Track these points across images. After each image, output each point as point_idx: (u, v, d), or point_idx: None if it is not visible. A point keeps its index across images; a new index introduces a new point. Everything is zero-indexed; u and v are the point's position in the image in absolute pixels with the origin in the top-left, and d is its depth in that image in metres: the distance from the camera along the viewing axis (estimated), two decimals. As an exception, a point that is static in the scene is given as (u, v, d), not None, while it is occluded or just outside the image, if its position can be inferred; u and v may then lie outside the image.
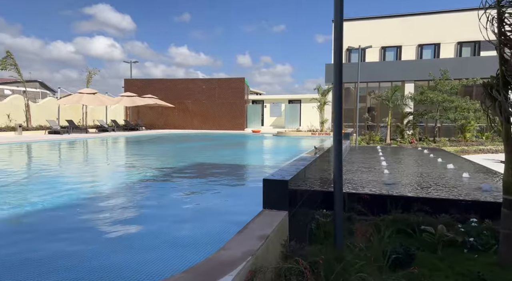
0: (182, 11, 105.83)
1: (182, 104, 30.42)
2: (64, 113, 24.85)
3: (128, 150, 14.95)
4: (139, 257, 3.14)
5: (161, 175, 7.73)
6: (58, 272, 2.86)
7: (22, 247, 3.44)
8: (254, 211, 3.57)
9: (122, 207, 5.03)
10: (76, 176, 7.85)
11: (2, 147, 13.24)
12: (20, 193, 5.92)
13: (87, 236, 3.76)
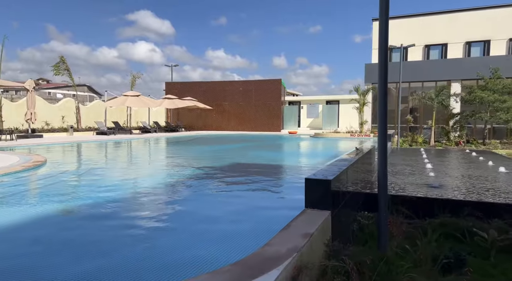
0: (218, 15, 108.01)
1: (219, 106, 31.01)
2: (111, 115, 26.28)
3: (169, 150, 15.53)
4: (183, 250, 3.28)
5: (200, 174, 7.96)
6: (116, 259, 3.06)
7: (76, 232, 3.72)
8: (295, 210, 3.60)
9: (163, 203, 5.26)
10: (123, 174, 8.30)
11: (57, 146, 14.27)
12: (72, 188, 6.37)
13: (131, 230, 3.98)
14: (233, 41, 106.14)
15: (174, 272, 2.80)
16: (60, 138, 18.33)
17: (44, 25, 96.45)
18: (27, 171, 7.31)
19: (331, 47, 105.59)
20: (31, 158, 8.83)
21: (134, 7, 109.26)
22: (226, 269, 2.34)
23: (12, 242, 3.56)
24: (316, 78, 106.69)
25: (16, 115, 19.68)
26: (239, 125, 30.58)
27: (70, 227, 4.12)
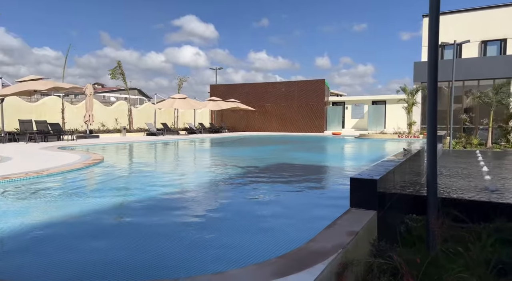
0: (260, 17, 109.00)
1: (262, 107, 31.29)
2: (159, 116, 27.61)
3: (214, 150, 16.01)
4: (228, 243, 3.44)
5: (244, 173, 8.15)
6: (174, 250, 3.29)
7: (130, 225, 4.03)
8: (338, 208, 3.62)
9: (208, 199, 5.49)
10: (172, 171, 8.75)
11: (112, 146, 15.32)
12: (127, 183, 6.85)
13: (179, 222, 4.22)
14: (275, 42, 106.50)
15: (221, 262, 2.96)
16: (114, 138, 19.64)
17: (99, 32, 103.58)
18: (87, 168, 7.96)
19: (377, 45, 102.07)
20: (90, 157, 9.59)
21: (180, 13, 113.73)
22: (273, 261, 2.44)
23: (77, 228, 3.95)
24: (361, 78, 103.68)
25: (76, 117, 21.39)
26: (281, 126, 30.63)
27: (125, 217, 4.47)
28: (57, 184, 6.34)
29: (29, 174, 6.53)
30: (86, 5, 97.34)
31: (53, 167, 7.43)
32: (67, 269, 2.86)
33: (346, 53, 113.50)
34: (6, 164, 8.05)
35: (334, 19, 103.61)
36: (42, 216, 4.46)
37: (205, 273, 2.42)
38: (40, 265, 2.96)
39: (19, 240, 3.58)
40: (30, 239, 3.62)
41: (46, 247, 3.42)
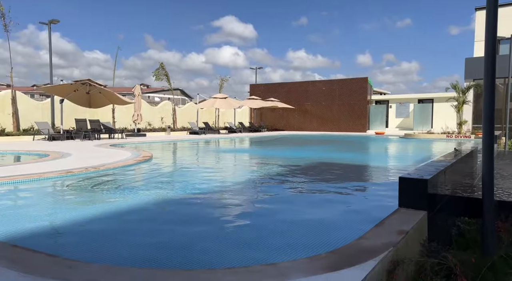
0: (299, 15, 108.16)
1: (301, 106, 31.10)
2: (201, 116, 28.43)
3: (254, 149, 16.23)
4: (273, 238, 3.53)
5: (285, 171, 8.22)
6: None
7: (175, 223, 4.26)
8: (384, 209, 3.58)
9: (251, 196, 5.63)
10: (216, 169, 9.03)
11: (158, 144, 16.06)
12: (175, 178, 7.19)
13: (224, 215, 4.39)
14: (314, 41, 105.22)
15: (271, 255, 3.07)
16: (159, 136, 20.55)
17: (143, 35, 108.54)
18: (138, 164, 8.46)
19: (423, 41, 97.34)
20: (140, 154, 10.15)
21: (220, 13, 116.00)
22: (323, 255, 2.51)
23: (137, 217, 4.26)
24: (404, 76, 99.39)
25: (125, 116, 22.64)
26: (322, 125, 30.25)
27: (174, 210, 4.73)
28: (112, 178, 6.82)
29: (89, 169, 7.08)
30: (132, 8, 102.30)
31: (109, 163, 7.98)
32: (125, 249, 3.12)
33: (389, 50, 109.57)
34: (67, 159, 8.77)
35: (375, 16, 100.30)
36: (103, 206, 4.85)
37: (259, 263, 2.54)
38: (104, 246, 3.25)
39: (92, 224, 3.94)
40: (103, 224, 3.97)
41: (117, 233, 3.73)
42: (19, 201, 5.21)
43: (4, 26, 16.60)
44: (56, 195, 5.57)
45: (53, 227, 3.97)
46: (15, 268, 2.32)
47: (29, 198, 5.35)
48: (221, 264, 2.81)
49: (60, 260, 2.53)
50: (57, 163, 7.90)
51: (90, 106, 17.99)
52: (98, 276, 2.25)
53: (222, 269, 2.33)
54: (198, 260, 2.95)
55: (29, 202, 5.13)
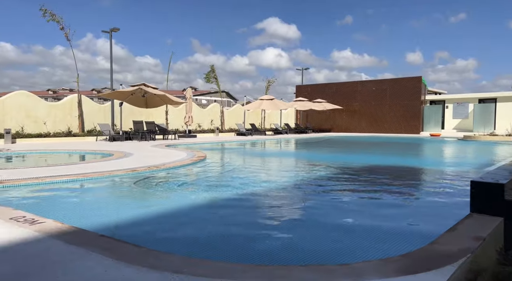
0: (344, 14, 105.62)
1: (349, 106, 30.37)
2: (248, 117, 28.86)
3: (301, 150, 16.17)
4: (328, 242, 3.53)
5: (336, 174, 8.11)
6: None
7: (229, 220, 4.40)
8: (452, 215, 3.43)
9: (303, 198, 5.64)
10: (264, 169, 9.17)
11: (208, 144, 16.61)
12: (228, 178, 7.42)
13: (277, 218, 4.45)
14: (359, 39, 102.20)
15: (341, 255, 3.09)
16: (209, 138, 21.21)
17: (190, 40, 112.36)
18: (194, 164, 8.83)
19: (480, 37, 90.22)
20: (195, 154, 10.58)
21: (263, 15, 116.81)
22: (395, 258, 2.49)
23: (200, 213, 4.49)
24: (460, 74, 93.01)
25: (177, 118, 23.68)
26: (371, 126, 29.30)
27: (238, 208, 4.90)
28: (174, 177, 7.21)
29: (151, 167, 7.55)
30: (180, 14, 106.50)
31: (168, 162, 8.43)
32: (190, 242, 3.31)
33: (442, 47, 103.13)
34: (129, 158, 9.40)
35: (426, 11, 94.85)
36: (171, 202, 5.16)
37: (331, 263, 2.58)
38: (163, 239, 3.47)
39: (163, 218, 4.23)
40: (173, 219, 4.25)
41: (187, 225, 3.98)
42: (96, 195, 5.70)
43: (66, 36, 18.16)
44: (126, 191, 6.01)
45: (131, 220, 4.31)
46: (107, 255, 2.59)
47: (103, 193, 5.85)
48: (294, 262, 2.88)
49: (145, 250, 2.76)
50: (122, 162, 8.50)
51: (147, 106, 19.09)
52: (180, 266, 2.43)
53: (297, 266, 2.40)
54: (268, 256, 3.05)
55: (104, 197, 5.61)
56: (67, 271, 2.33)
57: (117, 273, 2.29)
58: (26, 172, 6.51)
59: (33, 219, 3.47)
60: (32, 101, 16.89)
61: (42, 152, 11.68)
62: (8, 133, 14.17)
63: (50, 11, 17.32)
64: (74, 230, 3.19)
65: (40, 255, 2.60)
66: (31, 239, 2.93)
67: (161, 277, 2.23)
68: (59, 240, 2.91)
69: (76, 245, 2.77)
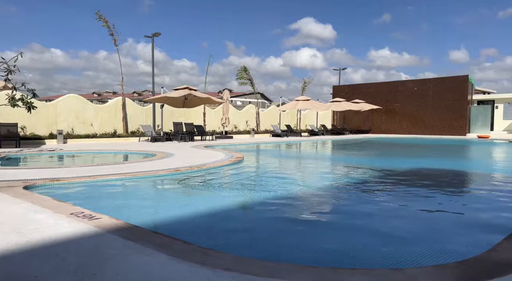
0: (381, 12, 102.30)
1: (389, 107, 29.39)
2: (283, 118, 28.81)
3: (338, 152, 15.88)
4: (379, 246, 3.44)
5: (379, 177, 7.89)
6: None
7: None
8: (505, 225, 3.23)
9: (342, 200, 5.53)
10: (304, 171, 9.11)
11: (244, 146, 16.79)
12: (267, 179, 7.46)
13: (317, 221, 4.39)
14: (398, 38, 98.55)
15: (390, 260, 3.02)
16: (245, 139, 21.42)
17: (225, 42, 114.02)
18: (233, 165, 8.98)
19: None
20: (233, 155, 10.75)
21: (297, 16, 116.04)
22: (451, 265, 2.40)
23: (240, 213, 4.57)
24: (509, 72, 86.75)
25: (214, 119, 24.16)
26: (412, 127, 28.15)
27: (280, 208, 4.93)
28: (215, 177, 7.39)
29: (193, 167, 7.78)
30: (215, 18, 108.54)
31: (208, 163, 8.64)
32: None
33: (489, 44, 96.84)
34: (171, 159, 9.73)
35: (470, 7, 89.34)
36: (214, 201, 5.30)
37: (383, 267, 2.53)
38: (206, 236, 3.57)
39: (208, 217, 4.36)
40: (218, 218, 4.38)
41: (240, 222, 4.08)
42: (143, 193, 5.98)
43: (114, 41, 19.11)
44: (171, 190, 6.25)
45: (177, 217, 4.49)
46: (161, 251, 2.72)
47: (150, 191, 6.12)
48: (342, 265, 2.86)
49: (194, 247, 2.87)
50: (165, 162, 8.82)
51: (184, 106, 19.67)
52: (230, 264, 2.50)
53: (347, 269, 2.39)
54: (316, 257, 3.05)
55: (151, 195, 5.87)
56: (126, 265, 2.48)
57: (172, 269, 2.41)
58: (79, 171, 6.96)
59: (90, 215, 3.72)
60: (81, 104, 17.98)
61: (90, 152, 12.41)
62: (61, 134, 15.19)
63: (104, 17, 18.35)
64: (129, 226, 3.37)
65: (100, 249, 2.78)
66: (91, 233, 3.15)
67: (213, 274, 2.31)
68: (116, 235, 3.09)
69: (132, 241, 2.94)
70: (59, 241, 2.95)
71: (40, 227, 3.31)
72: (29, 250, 2.76)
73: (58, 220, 3.51)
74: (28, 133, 15.59)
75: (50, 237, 3.03)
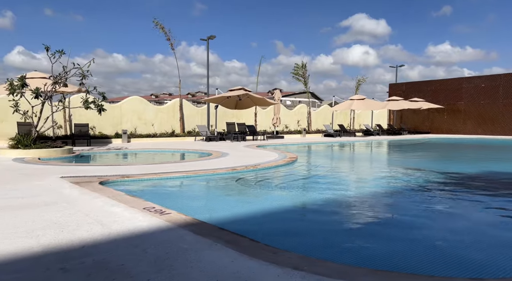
0: (441, 5, 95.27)
1: (452, 106, 27.41)
2: (336, 118, 28.18)
3: (396, 154, 15.15)
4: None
5: (446, 181, 7.40)
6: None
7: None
8: None
9: (401, 205, 5.27)
10: (359, 173, 8.84)
11: (295, 146, 16.72)
12: (321, 181, 7.37)
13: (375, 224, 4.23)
14: (460, 31, 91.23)
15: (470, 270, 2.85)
16: (296, 139, 21.33)
17: (274, 42, 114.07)
18: (287, 165, 9.00)
19: None
20: (286, 155, 10.77)
21: (349, 13, 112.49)
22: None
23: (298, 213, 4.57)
24: None
25: (265, 119, 24.36)
26: (479, 127, 25.99)
27: (344, 210, 4.86)
28: (271, 176, 7.48)
29: (248, 167, 7.94)
30: (264, 18, 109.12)
31: (262, 163, 8.76)
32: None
33: None
34: (227, 158, 10.02)
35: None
36: (273, 200, 5.38)
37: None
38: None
39: (268, 217, 4.46)
40: (276, 217, 4.45)
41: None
42: (204, 190, 6.26)
43: (171, 46, 20.11)
44: (230, 188, 6.45)
45: (238, 215, 4.63)
46: (230, 247, 2.83)
47: (210, 188, 6.38)
48: (414, 271, 2.76)
49: (261, 245, 2.95)
50: (221, 161, 9.11)
51: (236, 108, 20.11)
52: (299, 263, 2.53)
53: (421, 275, 2.30)
54: (384, 262, 2.98)
55: (211, 192, 6.12)
56: (199, 258, 2.62)
57: (242, 264, 2.50)
58: (145, 168, 7.45)
59: (161, 210, 3.98)
60: (142, 105, 19.19)
61: (152, 150, 13.21)
62: (125, 134, 16.36)
63: (160, 24, 19.47)
64: (197, 222, 3.56)
65: (174, 242, 2.97)
66: (164, 227, 3.37)
67: (283, 272, 2.36)
68: (186, 230, 3.28)
69: (201, 236, 3.10)
70: (137, 233, 3.21)
71: (119, 219, 3.62)
72: (112, 240, 3.04)
73: (133, 214, 3.81)
74: (97, 132, 17.01)
75: (129, 229, 3.31)
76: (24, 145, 10.06)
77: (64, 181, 5.78)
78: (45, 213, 3.86)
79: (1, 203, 4.32)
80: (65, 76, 10.86)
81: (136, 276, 2.33)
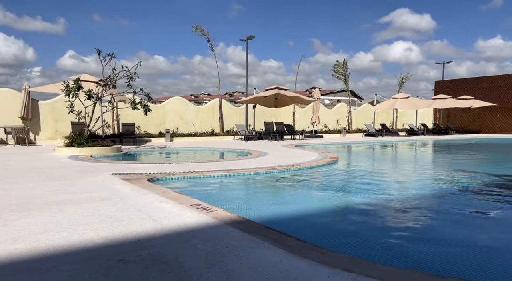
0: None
1: (506, 104, 25.54)
2: (377, 117, 27.28)
3: (443, 155, 14.38)
4: None
5: (497, 184, 6.91)
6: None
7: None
8: None
9: (449, 210, 4.98)
10: (402, 175, 8.50)
11: (335, 146, 16.41)
12: (363, 183, 7.17)
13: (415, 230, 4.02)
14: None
15: None
16: (335, 138, 20.93)
17: (311, 40, 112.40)
18: (328, 165, 8.87)
19: None
20: (327, 155, 10.61)
21: (389, 8, 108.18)
22: None
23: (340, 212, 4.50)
24: None
25: (303, 118, 24.14)
26: (537, 127, 23.97)
27: (388, 213, 4.72)
28: (311, 176, 7.42)
29: (288, 167, 7.93)
30: (300, 16, 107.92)
31: (302, 162, 8.70)
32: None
33: None
34: (266, 157, 10.07)
35: None
36: (315, 201, 5.35)
37: None
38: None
39: (313, 217, 4.44)
40: (321, 217, 4.43)
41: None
42: (246, 189, 6.35)
43: (211, 47, 20.52)
44: (271, 187, 6.49)
45: (282, 214, 4.65)
46: (278, 246, 2.86)
47: (252, 187, 6.46)
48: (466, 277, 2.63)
49: (309, 245, 2.94)
50: (261, 160, 9.17)
51: (275, 106, 20.13)
52: (349, 264, 2.50)
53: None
54: (433, 268, 2.86)
55: (253, 191, 6.18)
56: (248, 256, 2.67)
57: (291, 264, 2.52)
58: (188, 166, 7.69)
59: (207, 207, 4.10)
60: (184, 105, 19.78)
61: (193, 149, 13.59)
62: (168, 133, 16.97)
63: (200, 27, 19.97)
64: (243, 220, 3.62)
65: (222, 239, 3.05)
66: (211, 224, 3.47)
67: (333, 273, 2.35)
68: (233, 227, 3.35)
69: (249, 234, 3.15)
70: (186, 229, 3.33)
71: (169, 215, 3.78)
72: (164, 235, 3.18)
73: (182, 210, 3.95)
74: (142, 131, 17.80)
75: (179, 225, 3.44)
76: (78, 144, 10.77)
77: (115, 177, 6.12)
78: (101, 208, 4.11)
79: (63, 198, 4.67)
80: (114, 78, 11.48)
81: (189, 270, 2.42)
